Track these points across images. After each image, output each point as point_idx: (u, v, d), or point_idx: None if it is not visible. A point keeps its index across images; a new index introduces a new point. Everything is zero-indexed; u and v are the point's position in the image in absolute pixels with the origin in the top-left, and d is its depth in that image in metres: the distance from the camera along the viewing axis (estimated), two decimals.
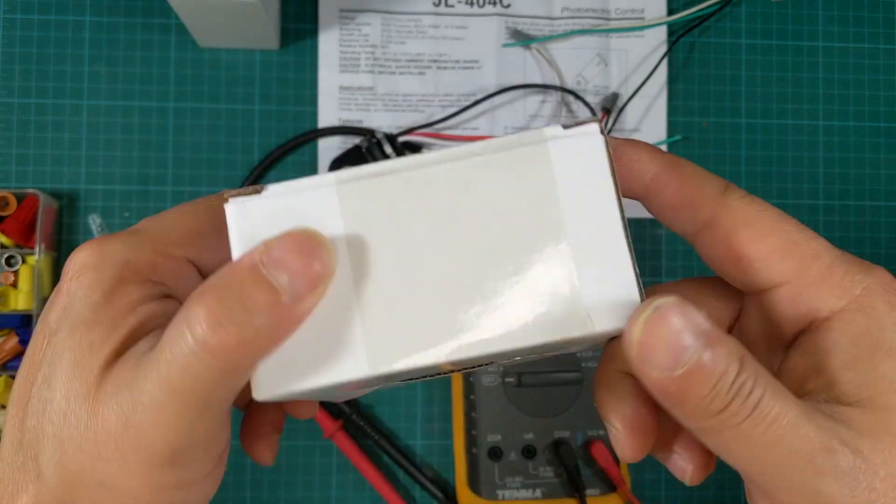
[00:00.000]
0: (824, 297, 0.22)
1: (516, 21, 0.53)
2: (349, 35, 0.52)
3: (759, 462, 0.20)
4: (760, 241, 0.22)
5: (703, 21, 0.54)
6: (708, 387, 0.19)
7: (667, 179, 0.23)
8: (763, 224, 0.22)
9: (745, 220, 0.22)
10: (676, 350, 0.19)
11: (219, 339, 0.19)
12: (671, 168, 0.23)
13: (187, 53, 0.52)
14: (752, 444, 0.20)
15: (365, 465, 0.50)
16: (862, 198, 0.55)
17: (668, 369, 0.19)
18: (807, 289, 0.22)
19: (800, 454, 0.19)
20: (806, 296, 0.22)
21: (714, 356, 0.19)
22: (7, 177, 0.51)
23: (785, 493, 0.20)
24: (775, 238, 0.22)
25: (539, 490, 0.48)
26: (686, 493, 0.53)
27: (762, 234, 0.22)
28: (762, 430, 0.19)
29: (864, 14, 0.55)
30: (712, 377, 0.19)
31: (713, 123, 0.54)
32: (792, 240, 0.22)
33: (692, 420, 0.20)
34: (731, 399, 0.19)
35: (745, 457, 0.20)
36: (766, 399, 0.19)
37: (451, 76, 0.53)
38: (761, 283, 0.22)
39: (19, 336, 0.48)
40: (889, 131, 0.55)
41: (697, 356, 0.19)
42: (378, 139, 0.50)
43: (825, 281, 0.22)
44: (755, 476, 0.20)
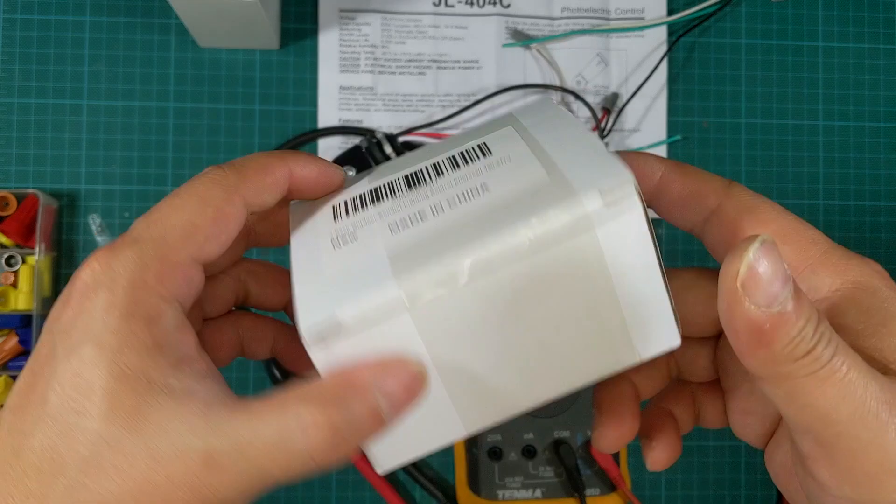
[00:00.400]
0: (822, 278, 0.23)
1: (516, 21, 0.53)
2: (349, 35, 0.52)
3: (830, 413, 0.20)
4: (763, 227, 0.23)
5: (703, 21, 0.54)
6: (798, 328, 0.20)
7: (673, 177, 0.25)
8: (765, 212, 0.24)
9: (749, 208, 0.24)
10: (775, 287, 0.19)
11: (333, 458, 0.21)
12: (677, 167, 0.25)
13: (187, 53, 0.52)
14: (827, 393, 0.20)
15: (364, 465, 0.50)
16: (862, 198, 0.55)
17: (765, 305, 0.19)
18: (806, 271, 0.23)
19: (868, 408, 0.20)
20: (805, 277, 0.23)
21: (803, 301, 0.20)
22: (7, 177, 0.51)
23: (849, 449, 0.21)
24: (776, 224, 0.23)
25: (539, 490, 0.48)
26: (686, 494, 0.53)
27: (764, 220, 0.23)
28: (838, 379, 0.20)
29: (864, 14, 0.55)
30: (802, 319, 0.20)
31: (713, 123, 0.54)
32: (792, 227, 0.24)
33: (774, 364, 0.20)
34: (815, 344, 0.20)
35: (817, 407, 0.20)
36: (840, 351, 0.20)
37: (451, 76, 0.53)
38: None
39: (19, 336, 0.48)
40: (889, 131, 0.55)
41: (792, 296, 0.20)
42: (378, 139, 0.50)
43: (823, 264, 0.23)
44: (822, 429, 0.21)
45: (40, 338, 0.22)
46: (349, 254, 0.23)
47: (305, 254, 0.24)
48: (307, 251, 0.24)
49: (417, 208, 0.23)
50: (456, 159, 0.25)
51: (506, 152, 0.24)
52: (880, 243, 0.54)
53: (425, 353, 0.22)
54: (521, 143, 0.24)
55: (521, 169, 0.23)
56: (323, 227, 0.25)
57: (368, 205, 0.25)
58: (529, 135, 0.25)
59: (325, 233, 0.24)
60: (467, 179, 0.24)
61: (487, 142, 0.25)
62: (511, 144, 0.25)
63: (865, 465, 0.21)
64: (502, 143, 0.25)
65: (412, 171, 0.25)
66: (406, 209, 0.24)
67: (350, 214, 0.25)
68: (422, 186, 0.24)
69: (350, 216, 0.25)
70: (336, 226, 0.24)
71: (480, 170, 0.24)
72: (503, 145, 0.25)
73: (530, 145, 0.24)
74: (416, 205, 0.24)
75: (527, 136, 0.25)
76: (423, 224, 0.23)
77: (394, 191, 0.25)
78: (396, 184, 0.25)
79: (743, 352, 0.21)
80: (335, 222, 0.25)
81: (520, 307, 0.22)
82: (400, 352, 0.22)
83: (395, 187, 0.25)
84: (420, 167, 0.25)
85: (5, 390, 0.48)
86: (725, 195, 0.24)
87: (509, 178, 0.23)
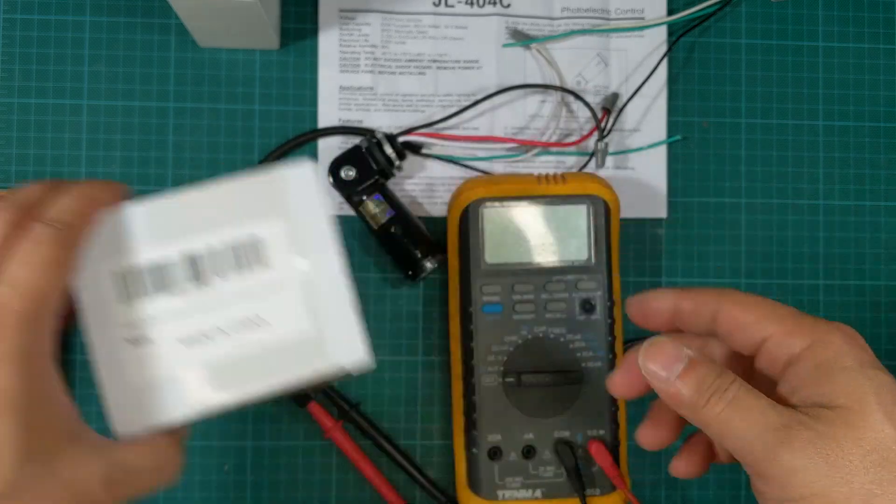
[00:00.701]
0: (796, 341, 0.30)
1: (516, 21, 0.53)
2: (349, 35, 0.52)
3: (741, 441, 0.29)
4: (749, 312, 0.32)
5: (703, 21, 0.54)
6: (693, 387, 0.30)
7: (681, 302, 0.34)
8: (749, 302, 0.32)
9: (737, 302, 0.32)
10: (670, 364, 0.31)
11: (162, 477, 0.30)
12: (682, 293, 0.34)
13: (187, 53, 0.52)
14: (734, 427, 0.29)
15: (364, 465, 0.50)
16: (862, 198, 0.55)
17: (664, 379, 0.31)
18: (784, 338, 0.31)
19: (767, 431, 0.28)
20: (784, 343, 0.31)
21: (697, 368, 0.30)
22: (7, 177, 0.51)
23: (764, 466, 0.28)
24: (759, 309, 0.32)
25: (539, 490, 0.48)
26: (686, 494, 0.53)
27: (749, 308, 0.32)
28: (739, 416, 0.29)
29: (865, 14, 0.55)
30: (695, 379, 0.30)
31: (713, 123, 0.54)
32: (771, 308, 0.31)
33: (689, 414, 0.30)
34: (711, 395, 0.29)
35: (731, 438, 0.29)
36: (740, 395, 0.29)
37: (451, 76, 0.53)
38: (756, 339, 0.31)
39: None
40: (889, 131, 0.55)
41: (685, 367, 0.30)
42: (378, 139, 0.50)
43: (796, 330, 0.31)
44: (743, 455, 0.29)
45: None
46: (149, 360, 0.30)
47: (106, 352, 0.30)
48: (107, 348, 0.30)
49: (205, 328, 0.30)
50: (238, 256, 0.31)
51: (280, 274, 0.31)
52: (880, 243, 0.55)
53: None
54: (293, 273, 0.31)
55: (292, 316, 0.31)
56: (113, 312, 0.30)
57: (154, 293, 0.30)
58: (301, 248, 0.32)
59: (117, 322, 0.30)
60: (247, 300, 0.31)
61: (260, 241, 0.31)
62: (284, 260, 0.31)
63: (773, 475, 0.28)
64: (275, 251, 0.31)
65: (192, 256, 0.31)
66: (195, 324, 0.30)
67: (136, 298, 0.30)
68: (205, 290, 0.30)
69: (137, 302, 0.30)
70: (126, 314, 0.30)
71: (258, 291, 0.31)
72: (278, 256, 0.31)
73: (301, 282, 0.31)
74: (203, 320, 0.30)
75: (299, 246, 0.32)
76: (212, 346, 0.30)
77: (179, 285, 0.30)
78: (180, 273, 0.31)
79: (675, 409, 0.31)
80: (125, 306, 0.30)
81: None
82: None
83: (179, 279, 0.30)
84: (198, 250, 0.31)
85: None
86: (721, 300, 0.32)
87: (283, 321, 0.31)
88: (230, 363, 0.30)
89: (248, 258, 0.31)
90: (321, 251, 0.32)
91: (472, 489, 0.48)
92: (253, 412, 0.51)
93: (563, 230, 0.48)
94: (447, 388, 0.51)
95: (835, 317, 0.53)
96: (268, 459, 0.51)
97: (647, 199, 0.53)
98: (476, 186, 0.48)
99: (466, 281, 0.48)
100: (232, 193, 0.32)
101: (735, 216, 0.54)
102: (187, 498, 0.50)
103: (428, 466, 0.52)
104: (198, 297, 0.30)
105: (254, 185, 0.31)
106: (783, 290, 0.54)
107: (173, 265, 0.31)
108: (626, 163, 0.54)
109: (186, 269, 0.31)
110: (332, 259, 0.32)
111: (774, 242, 0.54)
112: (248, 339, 0.30)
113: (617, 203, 0.49)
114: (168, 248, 0.31)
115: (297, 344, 0.31)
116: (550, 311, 0.48)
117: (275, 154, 0.51)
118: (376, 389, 0.52)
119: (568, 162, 0.53)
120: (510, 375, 0.48)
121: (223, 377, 0.30)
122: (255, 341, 0.30)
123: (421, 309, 0.52)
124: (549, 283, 0.48)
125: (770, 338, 0.31)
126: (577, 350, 0.48)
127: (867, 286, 0.54)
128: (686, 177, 0.54)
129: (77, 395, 0.50)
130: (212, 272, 0.31)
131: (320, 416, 0.50)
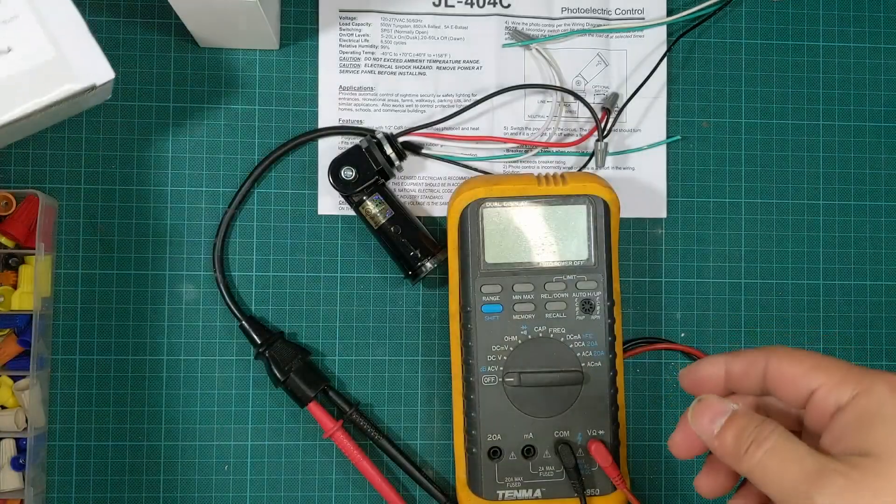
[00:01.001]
0: (844, 391, 0.31)
1: (516, 21, 0.53)
2: (349, 35, 0.52)
3: (777, 486, 0.30)
4: (798, 365, 0.32)
5: (703, 21, 0.54)
6: (734, 436, 0.32)
7: (731, 365, 0.35)
8: (798, 355, 0.33)
9: (785, 356, 0.33)
10: (715, 417, 0.32)
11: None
12: (731, 357, 0.35)
13: (187, 53, 0.52)
14: (771, 473, 0.30)
15: (365, 465, 0.50)
16: (862, 198, 0.55)
17: (710, 432, 0.32)
18: (832, 389, 0.31)
19: (802, 478, 0.29)
20: (832, 394, 0.31)
21: (738, 419, 0.32)
22: (7, 177, 0.51)
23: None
24: (808, 361, 0.32)
25: (539, 490, 0.48)
26: (686, 494, 0.53)
27: (798, 360, 0.32)
28: (776, 463, 0.30)
29: (865, 14, 0.55)
30: (736, 429, 0.32)
31: (713, 123, 0.54)
32: (819, 360, 0.32)
33: (732, 462, 0.32)
34: (751, 443, 0.31)
35: (768, 484, 0.30)
36: (779, 443, 0.30)
37: (451, 76, 0.53)
38: (805, 391, 0.32)
39: (19, 336, 0.48)
40: (889, 131, 0.55)
41: (728, 418, 0.32)
42: (378, 139, 0.50)
43: (844, 380, 0.31)
44: (780, 500, 0.30)
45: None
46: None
47: None
48: None
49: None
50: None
51: (13, 5, 0.38)
52: (880, 243, 0.54)
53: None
54: (23, 3, 0.38)
55: (34, 41, 0.38)
56: None
57: None
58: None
59: None
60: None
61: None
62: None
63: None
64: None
65: None
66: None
67: None
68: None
69: None
70: None
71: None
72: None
73: (32, 9, 0.38)
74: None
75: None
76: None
77: None
78: None
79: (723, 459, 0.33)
80: None
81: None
82: None
83: None
84: None
85: (5, 390, 0.48)
86: (768, 356, 0.33)
87: (25, 46, 0.38)
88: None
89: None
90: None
91: (472, 489, 0.48)
92: (253, 412, 0.51)
93: (563, 230, 0.48)
94: (447, 388, 0.51)
95: (835, 316, 0.54)
96: (268, 459, 0.51)
97: (647, 199, 0.53)
98: (476, 186, 0.48)
99: (466, 281, 0.48)
100: None
101: (735, 216, 0.54)
102: (187, 498, 0.50)
103: (428, 466, 0.52)
104: None
105: None
106: (783, 289, 0.54)
107: None
108: (626, 163, 0.54)
109: None
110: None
111: (774, 242, 0.54)
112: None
113: (617, 203, 0.49)
114: None
115: (43, 66, 0.38)
116: (550, 311, 0.48)
117: (275, 154, 0.51)
118: (376, 389, 0.52)
119: (568, 162, 0.53)
120: (510, 375, 0.48)
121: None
122: (4, 67, 0.37)
123: (421, 309, 0.52)
124: (549, 283, 0.48)
125: (818, 389, 0.32)
126: (577, 350, 0.48)
127: (867, 286, 0.54)
128: (686, 177, 0.54)
129: (77, 395, 0.50)
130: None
131: (320, 416, 0.50)
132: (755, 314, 0.54)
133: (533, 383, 0.48)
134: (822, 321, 0.54)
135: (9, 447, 0.48)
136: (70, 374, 0.50)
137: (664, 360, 0.53)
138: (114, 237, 0.51)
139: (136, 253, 0.51)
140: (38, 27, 0.39)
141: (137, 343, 0.51)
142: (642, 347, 0.52)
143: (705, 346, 0.53)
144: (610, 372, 0.48)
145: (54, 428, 0.50)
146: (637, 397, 0.53)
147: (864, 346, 0.54)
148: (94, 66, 0.40)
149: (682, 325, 0.53)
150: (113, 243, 0.51)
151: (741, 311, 0.54)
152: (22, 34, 0.39)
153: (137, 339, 0.51)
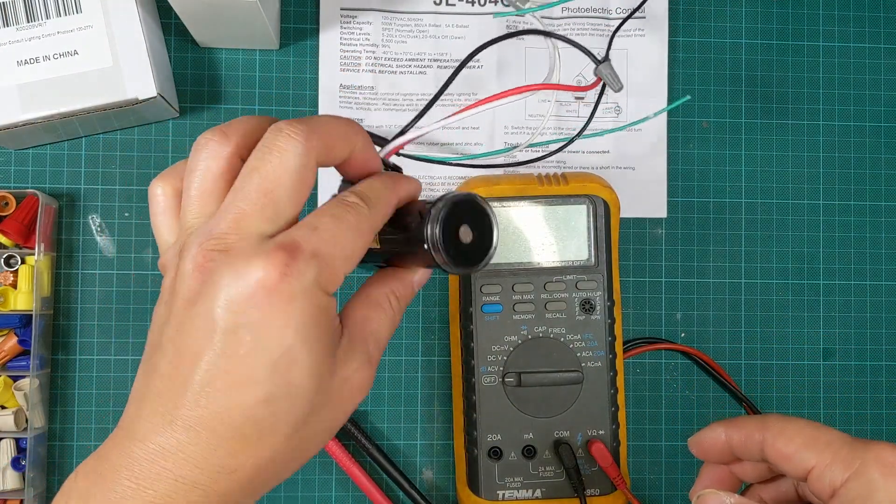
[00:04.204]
0: (836, 473, 0.32)
1: (517, 21, 0.53)
2: (350, 34, 0.52)
3: None
4: (791, 443, 0.33)
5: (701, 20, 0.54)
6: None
7: (730, 433, 0.35)
8: (791, 430, 0.33)
9: (780, 432, 0.33)
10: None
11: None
12: (729, 424, 0.35)
13: (187, 53, 0.52)
14: None
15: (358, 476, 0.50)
16: (862, 198, 0.55)
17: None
18: (825, 470, 0.32)
19: None
20: (826, 475, 0.32)
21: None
22: (7, 177, 0.51)
23: None
24: (799, 438, 0.33)
25: (539, 490, 0.48)
26: (686, 494, 0.53)
27: (789, 437, 0.33)
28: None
29: (865, 14, 0.55)
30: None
31: (713, 123, 0.54)
32: (812, 436, 0.33)
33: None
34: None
35: None
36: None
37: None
38: (801, 470, 0.33)
39: (19, 336, 0.48)
40: (889, 131, 0.55)
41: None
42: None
43: (836, 461, 0.32)
44: None
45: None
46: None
47: None
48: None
49: (33, 55, 0.43)
50: (58, 1, 0.44)
51: (88, 17, 0.44)
52: (880, 243, 0.54)
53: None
54: (99, 18, 0.44)
55: (97, 50, 0.44)
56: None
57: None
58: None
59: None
60: (65, 36, 0.44)
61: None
62: (92, 6, 0.44)
63: None
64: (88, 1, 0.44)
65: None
66: (26, 50, 0.43)
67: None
68: (35, 26, 0.44)
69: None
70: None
71: (73, 30, 0.44)
72: (88, 3, 0.44)
73: (105, 24, 0.44)
74: (32, 49, 0.44)
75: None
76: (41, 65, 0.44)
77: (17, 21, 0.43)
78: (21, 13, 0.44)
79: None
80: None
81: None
82: None
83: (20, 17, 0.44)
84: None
85: (5, 390, 0.48)
86: (764, 429, 0.34)
87: (89, 54, 0.44)
88: (43, 85, 0.43)
89: (66, 4, 0.44)
90: (122, 2, 0.44)
91: (472, 489, 0.48)
92: None
93: (564, 230, 0.48)
94: (447, 388, 0.51)
95: (835, 316, 0.54)
96: None
97: (647, 199, 0.53)
98: (476, 186, 0.48)
99: (466, 281, 0.48)
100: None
101: (735, 216, 0.54)
102: None
103: (428, 466, 0.52)
104: (30, 31, 0.43)
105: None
106: (783, 289, 0.54)
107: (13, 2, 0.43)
108: (626, 162, 0.53)
109: (23, 9, 0.43)
110: (131, 8, 0.44)
111: (774, 242, 0.54)
112: (62, 66, 0.43)
113: (617, 203, 0.49)
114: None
115: (98, 73, 0.44)
116: (550, 311, 0.48)
117: None
118: (376, 389, 0.52)
119: (569, 162, 0.53)
120: (510, 375, 0.48)
121: (35, 97, 0.43)
122: (66, 68, 0.43)
123: (421, 309, 0.52)
124: (549, 283, 0.48)
125: (813, 469, 0.32)
126: (577, 350, 0.48)
127: (867, 286, 0.54)
128: (686, 177, 0.54)
129: (77, 395, 0.50)
130: (43, 13, 0.43)
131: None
132: (755, 314, 0.54)
133: (533, 383, 0.48)
134: (822, 321, 0.54)
135: (9, 447, 0.48)
136: (70, 374, 0.50)
137: (664, 360, 0.53)
138: (114, 237, 0.51)
139: (137, 253, 0.51)
140: (105, 38, 0.44)
141: (137, 343, 0.51)
142: (642, 347, 0.53)
143: (705, 346, 0.53)
144: (610, 372, 0.48)
145: (54, 428, 0.50)
146: (637, 397, 0.53)
147: (864, 346, 0.54)
148: (141, 82, 0.45)
149: (682, 325, 0.53)
150: (113, 243, 0.51)
151: (741, 311, 0.54)
152: (90, 41, 0.44)
153: (137, 340, 0.51)
